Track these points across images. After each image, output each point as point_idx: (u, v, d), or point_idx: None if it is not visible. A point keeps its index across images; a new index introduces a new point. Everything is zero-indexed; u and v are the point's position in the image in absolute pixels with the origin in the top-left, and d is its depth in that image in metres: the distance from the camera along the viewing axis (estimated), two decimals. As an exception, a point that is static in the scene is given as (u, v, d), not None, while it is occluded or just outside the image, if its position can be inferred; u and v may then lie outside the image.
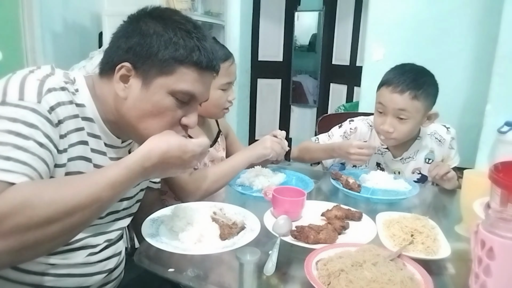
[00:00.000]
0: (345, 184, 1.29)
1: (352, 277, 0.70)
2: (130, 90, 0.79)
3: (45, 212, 0.60)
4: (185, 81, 0.79)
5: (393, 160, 1.52)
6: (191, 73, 0.79)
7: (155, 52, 0.77)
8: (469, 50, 1.95)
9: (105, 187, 0.67)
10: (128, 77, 0.78)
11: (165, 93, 0.78)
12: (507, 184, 0.83)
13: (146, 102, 0.78)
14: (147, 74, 0.78)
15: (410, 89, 1.33)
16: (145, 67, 0.77)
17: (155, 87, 0.78)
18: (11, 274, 0.76)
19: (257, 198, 1.19)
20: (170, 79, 0.78)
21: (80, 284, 0.85)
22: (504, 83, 1.53)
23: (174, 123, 0.82)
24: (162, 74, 0.78)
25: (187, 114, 0.83)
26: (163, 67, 0.77)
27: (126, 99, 0.79)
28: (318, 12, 3.85)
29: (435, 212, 1.24)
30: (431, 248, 0.86)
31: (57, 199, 0.61)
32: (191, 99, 0.82)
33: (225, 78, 1.30)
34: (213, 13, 3.07)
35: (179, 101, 0.80)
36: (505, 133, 1.52)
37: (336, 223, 0.94)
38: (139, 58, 0.77)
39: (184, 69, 0.78)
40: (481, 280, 0.69)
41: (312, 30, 3.94)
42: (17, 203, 0.58)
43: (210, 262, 0.85)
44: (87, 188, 0.65)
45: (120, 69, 0.78)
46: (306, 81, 4.06)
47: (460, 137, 1.67)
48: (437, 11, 1.95)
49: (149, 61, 0.77)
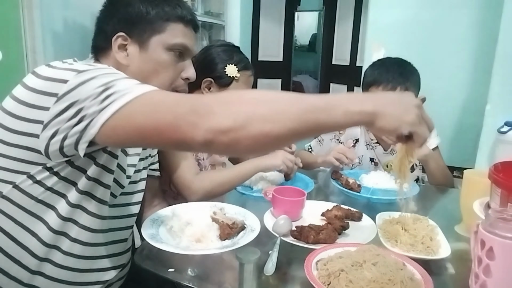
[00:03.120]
0: (345, 184, 1.29)
1: (352, 277, 0.70)
2: (130, 57, 0.86)
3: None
4: (177, 35, 0.88)
5: (384, 153, 1.55)
6: (180, 27, 0.88)
7: (143, 16, 0.85)
8: (469, 50, 1.94)
9: None
10: (125, 46, 0.85)
11: (163, 49, 0.87)
12: (507, 184, 0.83)
13: (148, 62, 0.86)
14: (142, 38, 0.85)
15: (400, 83, 1.36)
16: (139, 32, 0.85)
17: (152, 46, 0.86)
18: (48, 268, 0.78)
19: (257, 198, 1.20)
20: (164, 36, 0.86)
21: (98, 279, 0.87)
22: (504, 83, 1.53)
23: (176, 77, 0.91)
24: (155, 33, 0.86)
25: (185, 68, 0.92)
26: (154, 27, 0.86)
27: (129, 65, 0.85)
28: (318, 12, 3.86)
29: (435, 212, 1.24)
30: (431, 248, 0.86)
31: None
32: (185, 52, 0.91)
33: (243, 85, 1.33)
34: (213, 13, 3.07)
35: (176, 56, 0.89)
36: (505, 133, 1.52)
37: (336, 223, 0.94)
38: (131, 25, 0.85)
39: (173, 24, 0.87)
40: (481, 280, 0.69)
41: (312, 30, 3.95)
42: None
43: (210, 262, 0.85)
44: None
45: (116, 39, 0.84)
46: (306, 81, 4.07)
47: (460, 137, 1.67)
48: (437, 11, 1.95)
49: (140, 26, 0.85)
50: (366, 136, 1.56)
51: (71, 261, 0.80)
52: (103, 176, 0.79)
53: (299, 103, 0.61)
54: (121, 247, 0.93)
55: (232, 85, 1.31)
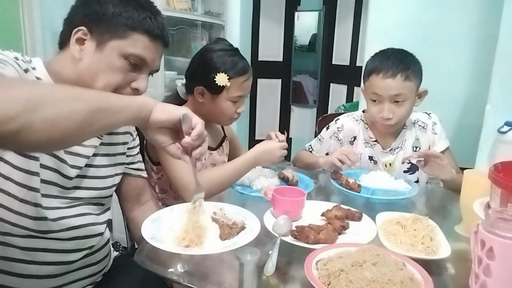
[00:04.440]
0: (345, 184, 1.29)
1: (352, 277, 0.70)
2: (85, 52, 0.86)
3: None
4: (137, 46, 0.87)
5: (383, 152, 1.54)
6: (143, 39, 0.87)
7: (110, 18, 0.85)
8: (469, 50, 1.94)
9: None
10: (84, 40, 0.86)
11: (118, 55, 0.86)
12: (507, 184, 0.83)
13: (99, 62, 0.86)
14: (101, 38, 0.85)
15: (401, 71, 1.34)
16: (100, 31, 0.85)
17: (109, 49, 0.86)
18: None
19: (257, 198, 1.19)
20: (123, 43, 0.86)
21: (60, 259, 0.89)
22: (504, 83, 1.53)
23: (124, 85, 0.89)
24: (116, 38, 0.85)
25: (137, 79, 0.90)
26: (117, 31, 0.85)
27: (81, 60, 0.86)
28: (318, 12, 3.85)
29: (435, 212, 1.24)
30: (431, 248, 0.86)
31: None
32: (143, 64, 0.90)
33: (238, 91, 1.31)
34: (213, 13, 3.07)
35: (131, 65, 0.88)
36: (505, 133, 1.51)
37: (336, 223, 0.94)
38: (95, 22, 0.85)
39: (136, 35, 0.87)
40: (481, 280, 0.69)
41: (312, 30, 3.93)
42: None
43: (210, 262, 0.85)
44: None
45: (76, 32, 0.85)
46: (306, 81, 4.06)
47: (460, 137, 1.66)
48: (437, 11, 1.95)
49: (104, 26, 0.85)
50: (365, 134, 1.56)
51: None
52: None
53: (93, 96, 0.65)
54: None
55: (223, 92, 1.29)
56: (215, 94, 1.30)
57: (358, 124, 1.57)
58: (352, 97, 3.55)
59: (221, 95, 1.30)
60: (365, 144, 1.55)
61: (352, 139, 1.58)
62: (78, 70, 0.86)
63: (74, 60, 0.86)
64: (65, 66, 0.88)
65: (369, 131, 1.55)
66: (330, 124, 1.62)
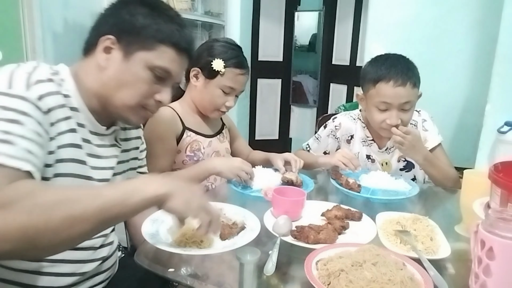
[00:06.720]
0: (345, 184, 1.29)
1: (352, 277, 0.70)
2: (111, 61, 0.84)
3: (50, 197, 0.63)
4: (164, 58, 0.86)
5: (379, 152, 1.54)
6: (170, 52, 0.86)
7: (139, 29, 0.84)
8: (469, 50, 1.94)
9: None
10: (111, 49, 0.84)
11: (144, 66, 0.85)
12: (507, 184, 0.83)
13: (124, 72, 0.84)
14: (129, 48, 0.84)
15: (409, 78, 1.34)
16: (128, 41, 0.84)
17: (135, 60, 0.84)
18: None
19: (257, 198, 1.20)
20: (150, 55, 0.85)
21: (74, 270, 0.88)
22: (504, 83, 1.53)
23: (148, 96, 0.88)
24: (143, 49, 0.84)
25: (161, 91, 0.89)
26: (145, 43, 0.84)
27: (107, 69, 0.84)
28: (318, 12, 3.85)
29: (435, 212, 1.24)
30: (431, 248, 0.86)
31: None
32: (168, 77, 0.88)
33: (231, 82, 1.35)
34: (213, 13, 3.07)
35: (156, 77, 0.86)
36: (505, 133, 1.52)
37: (336, 223, 0.94)
38: (123, 32, 0.84)
39: (164, 47, 0.85)
40: (481, 280, 0.69)
41: (312, 30, 3.93)
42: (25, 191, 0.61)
43: (210, 262, 0.85)
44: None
45: (104, 40, 0.84)
46: (306, 81, 4.06)
47: (460, 137, 1.67)
48: (437, 11, 1.95)
49: (132, 36, 0.84)
50: (362, 133, 1.56)
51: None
52: None
53: (94, 202, 0.63)
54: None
55: (216, 78, 1.34)
56: (208, 78, 1.35)
57: (355, 123, 1.58)
58: (352, 97, 3.55)
59: (214, 81, 1.34)
60: (362, 143, 1.56)
61: (349, 137, 1.58)
62: (103, 79, 0.85)
63: (99, 68, 0.85)
64: (89, 74, 0.86)
65: (366, 130, 1.56)
66: (328, 123, 1.62)
